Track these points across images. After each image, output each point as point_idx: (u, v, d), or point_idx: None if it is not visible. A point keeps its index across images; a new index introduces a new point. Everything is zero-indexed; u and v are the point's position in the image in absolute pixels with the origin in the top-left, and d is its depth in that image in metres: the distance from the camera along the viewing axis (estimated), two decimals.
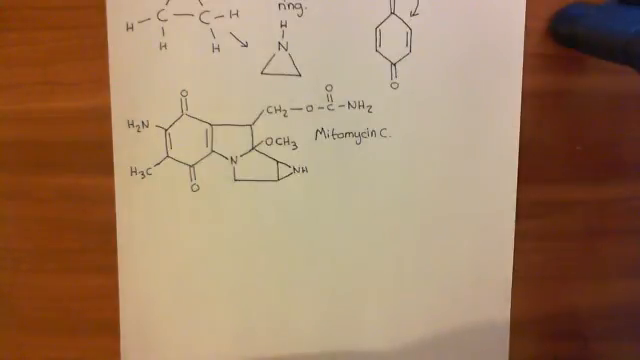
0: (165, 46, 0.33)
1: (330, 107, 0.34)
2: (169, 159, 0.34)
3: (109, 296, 0.35)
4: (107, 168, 0.34)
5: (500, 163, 0.34)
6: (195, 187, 0.34)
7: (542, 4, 0.33)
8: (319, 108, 0.34)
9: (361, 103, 0.34)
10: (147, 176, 0.34)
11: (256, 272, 0.35)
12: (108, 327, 0.35)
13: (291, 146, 0.34)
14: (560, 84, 0.34)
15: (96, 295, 0.35)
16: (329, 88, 0.33)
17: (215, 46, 0.33)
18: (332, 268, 0.35)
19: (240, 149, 0.34)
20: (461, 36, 0.33)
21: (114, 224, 0.34)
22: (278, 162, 0.34)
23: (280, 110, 0.34)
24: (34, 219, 0.35)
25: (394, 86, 0.33)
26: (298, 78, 0.33)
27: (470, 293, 0.35)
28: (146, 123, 0.33)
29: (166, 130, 0.34)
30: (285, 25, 0.33)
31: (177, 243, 0.35)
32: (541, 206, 0.35)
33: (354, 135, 0.34)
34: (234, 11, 0.33)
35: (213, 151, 0.34)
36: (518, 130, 0.34)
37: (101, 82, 0.33)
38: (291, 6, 0.33)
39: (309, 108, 0.34)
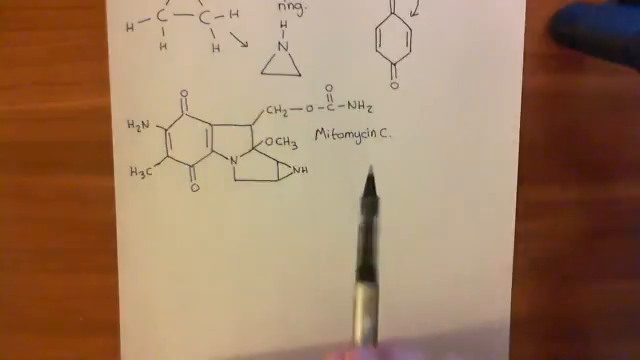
0: (165, 46, 0.33)
1: (330, 107, 0.34)
2: (169, 159, 0.34)
3: (109, 296, 0.35)
4: (107, 168, 0.34)
5: (500, 163, 0.34)
6: (195, 187, 0.34)
7: (542, 4, 0.33)
8: (319, 108, 0.34)
9: (361, 103, 0.34)
10: (147, 176, 0.34)
11: (256, 272, 0.35)
12: (108, 327, 0.35)
13: (291, 146, 0.34)
14: (560, 84, 0.34)
15: (96, 295, 0.35)
16: (329, 88, 0.33)
17: (215, 46, 0.33)
18: (332, 268, 0.35)
19: (240, 149, 0.34)
20: (461, 36, 0.33)
21: (114, 224, 0.34)
22: (278, 162, 0.34)
23: (280, 110, 0.34)
24: (34, 219, 0.35)
25: (394, 86, 0.33)
26: (298, 78, 0.33)
27: (470, 293, 0.35)
28: (146, 123, 0.33)
29: (166, 130, 0.34)
30: (285, 25, 0.33)
31: (177, 243, 0.35)
32: (541, 206, 0.35)
33: (354, 135, 0.34)
34: (234, 11, 0.33)
35: (213, 151, 0.34)
36: (518, 130, 0.34)
37: (101, 82, 0.33)
38: (291, 6, 0.33)
39: (309, 108, 0.34)
